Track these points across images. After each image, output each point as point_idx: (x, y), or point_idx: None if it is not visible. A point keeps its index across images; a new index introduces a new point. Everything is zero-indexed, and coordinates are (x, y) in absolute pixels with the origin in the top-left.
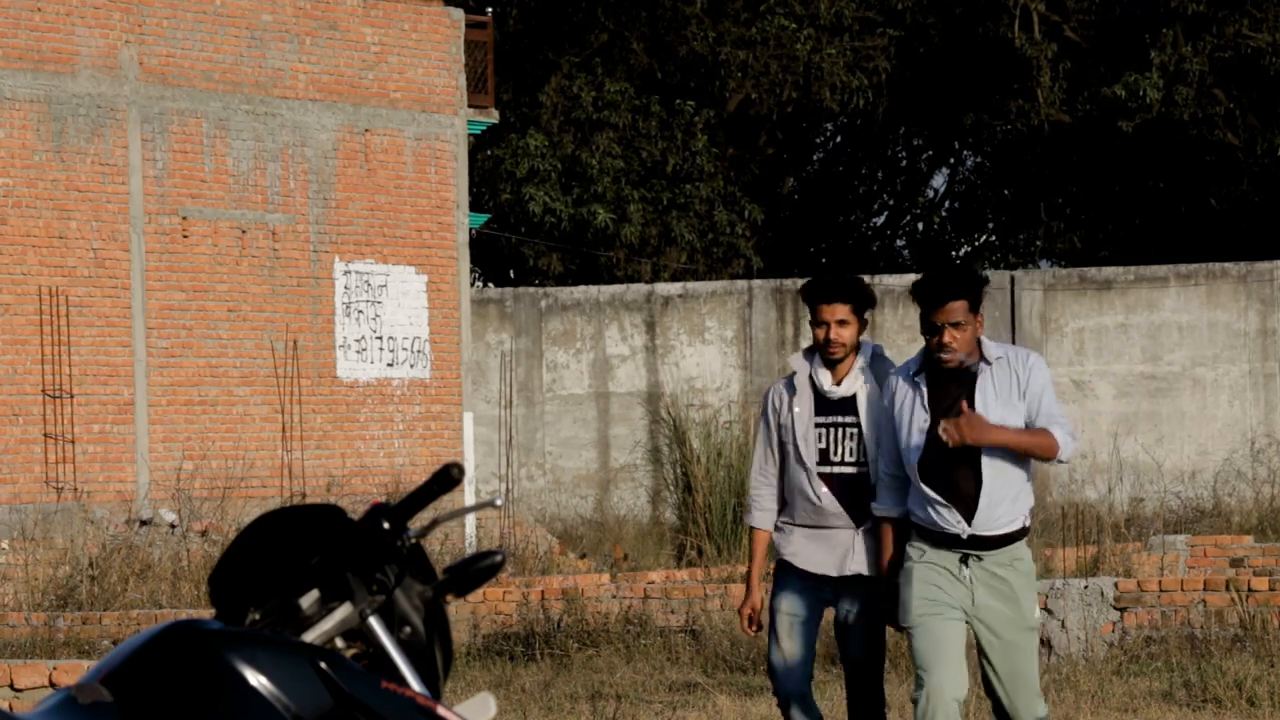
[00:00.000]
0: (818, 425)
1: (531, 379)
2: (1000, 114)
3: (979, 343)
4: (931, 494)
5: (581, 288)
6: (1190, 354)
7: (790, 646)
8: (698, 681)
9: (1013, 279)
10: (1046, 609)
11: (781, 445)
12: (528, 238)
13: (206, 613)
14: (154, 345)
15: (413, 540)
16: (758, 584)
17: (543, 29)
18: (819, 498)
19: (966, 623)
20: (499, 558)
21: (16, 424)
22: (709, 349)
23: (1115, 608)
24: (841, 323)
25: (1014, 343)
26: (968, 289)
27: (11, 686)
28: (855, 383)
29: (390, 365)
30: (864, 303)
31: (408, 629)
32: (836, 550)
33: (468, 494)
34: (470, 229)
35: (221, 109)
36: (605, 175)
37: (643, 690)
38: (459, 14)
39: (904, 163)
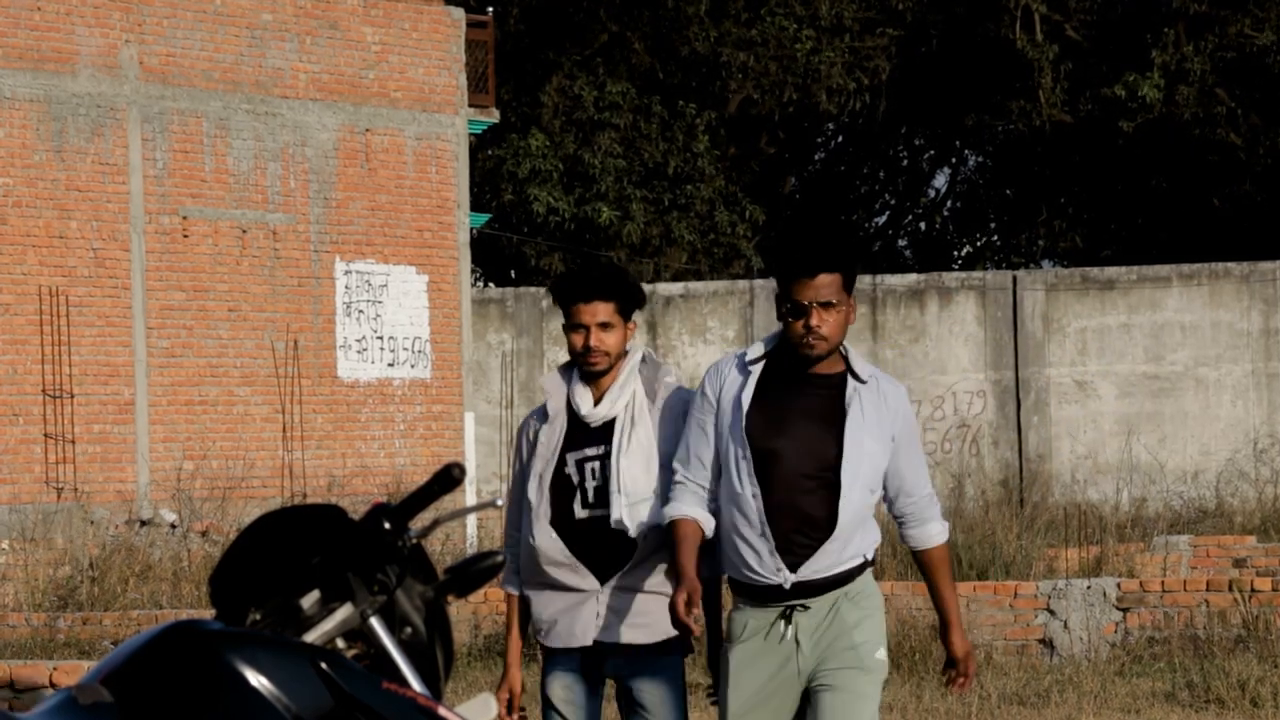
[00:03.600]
0: (571, 461)
1: (533, 379)
2: (1002, 114)
3: (844, 348)
4: (744, 528)
5: None
6: (1193, 354)
7: None
8: (698, 681)
9: (1015, 279)
10: (1049, 609)
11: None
12: (529, 237)
13: (207, 613)
14: (154, 345)
15: (414, 540)
16: (516, 663)
17: (544, 29)
18: (544, 551)
19: (800, 687)
20: (500, 558)
21: (16, 424)
22: (710, 349)
23: (1118, 608)
24: (604, 325)
25: (1015, 343)
26: (844, 260)
27: (11, 687)
28: (617, 402)
29: (391, 365)
30: (631, 300)
31: (409, 629)
32: (582, 616)
33: (468, 494)
34: (471, 229)
35: (222, 108)
36: (608, 175)
37: None
38: (460, 13)
39: (905, 163)
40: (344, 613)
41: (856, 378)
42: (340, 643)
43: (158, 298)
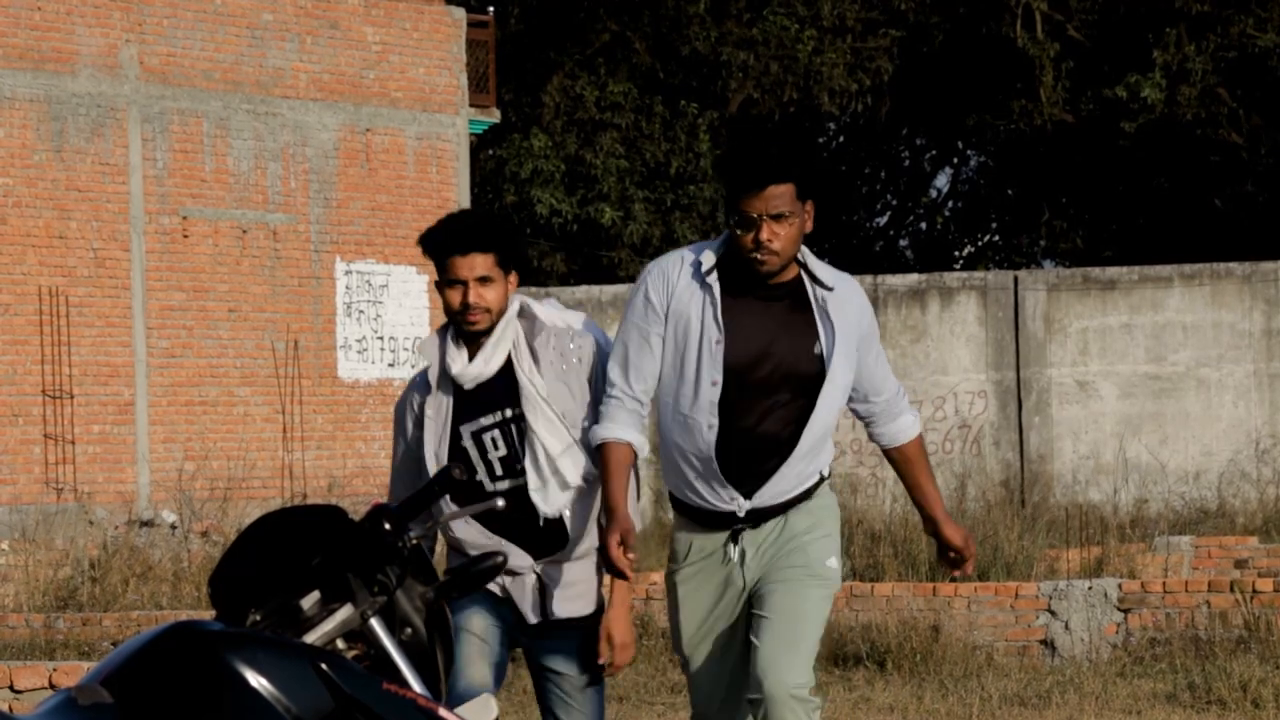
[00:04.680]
0: (466, 434)
1: None
2: (1003, 114)
3: (800, 253)
4: (695, 456)
5: (584, 287)
6: (1194, 354)
7: (481, 671)
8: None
9: (1016, 279)
10: (1050, 610)
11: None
12: (530, 238)
13: (207, 614)
14: (154, 345)
15: (414, 541)
16: None
17: (544, 28)
18: (465, 540)
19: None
20: (500, 559)
21: (16, 424)
22: None
23: (1119, 609)
24: (483, 280)
25: (1017, 343)
26: (795, 169)
27: (11, 688)
28: (491, 360)
29: (391, 365)
30: (512, 250)
31: (409, 630)
32: (520, 594)
33: None
34: None
35: (222, 108)
36: (609, 176)
37: (644, 691)
38: (460, 13)
39: (907, 163)
40: (344, 613)
41: (819, 283)
42: (340, 643)
43: (158, 298)
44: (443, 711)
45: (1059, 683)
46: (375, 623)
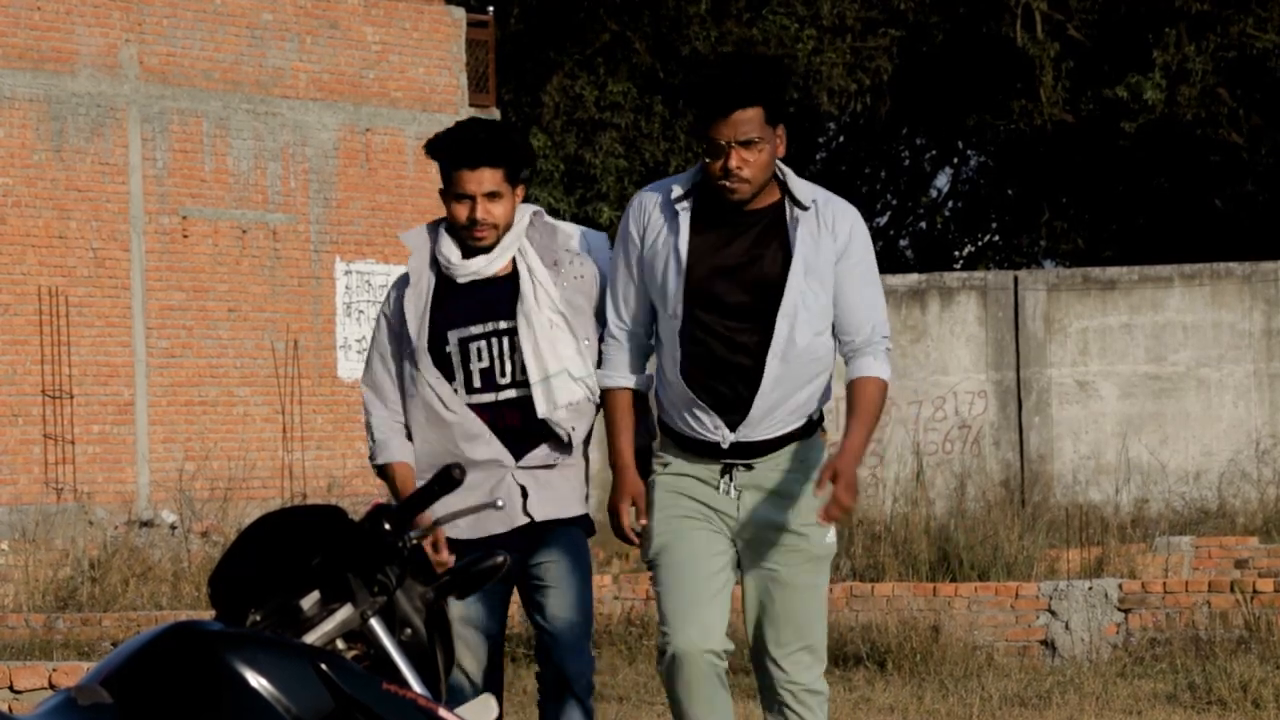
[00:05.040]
0: (454, 340)
1: None
2: (1003, 114)
3: (780, 173)
4: (676, 382)
5: None
6: (1195, 354)
7: (474, 664)
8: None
9: (1016, 279)
10: (1050, 610)
11: (401, 365)
12: None
13: (207, 614)
14: (154, 345)
15: (414, 541)
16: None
17: (544, 28)
18: (461, 426)
19: (732, 542)
20: (501, 559)
21: (16, 424)
22: None
23: (1119, 609)
24: (492, 195)
25: (1017, 343)
26: (764, 92)
27: (11, 688)
28: (495, 261)
29: None
30: (520, 164)
31: (409, 630)
32: (503, 493)
33: None
34: None
35: (222, 108)
36: (609, 175)
37: (644, 692)
38: (460, 13)
39: (907, 163)
40: (344, 613)
41: (797, 204)
42: (340, 644)
43: (158, 298)
44: (443, 711)
45: (1059, 683)
46: (375, 623)
